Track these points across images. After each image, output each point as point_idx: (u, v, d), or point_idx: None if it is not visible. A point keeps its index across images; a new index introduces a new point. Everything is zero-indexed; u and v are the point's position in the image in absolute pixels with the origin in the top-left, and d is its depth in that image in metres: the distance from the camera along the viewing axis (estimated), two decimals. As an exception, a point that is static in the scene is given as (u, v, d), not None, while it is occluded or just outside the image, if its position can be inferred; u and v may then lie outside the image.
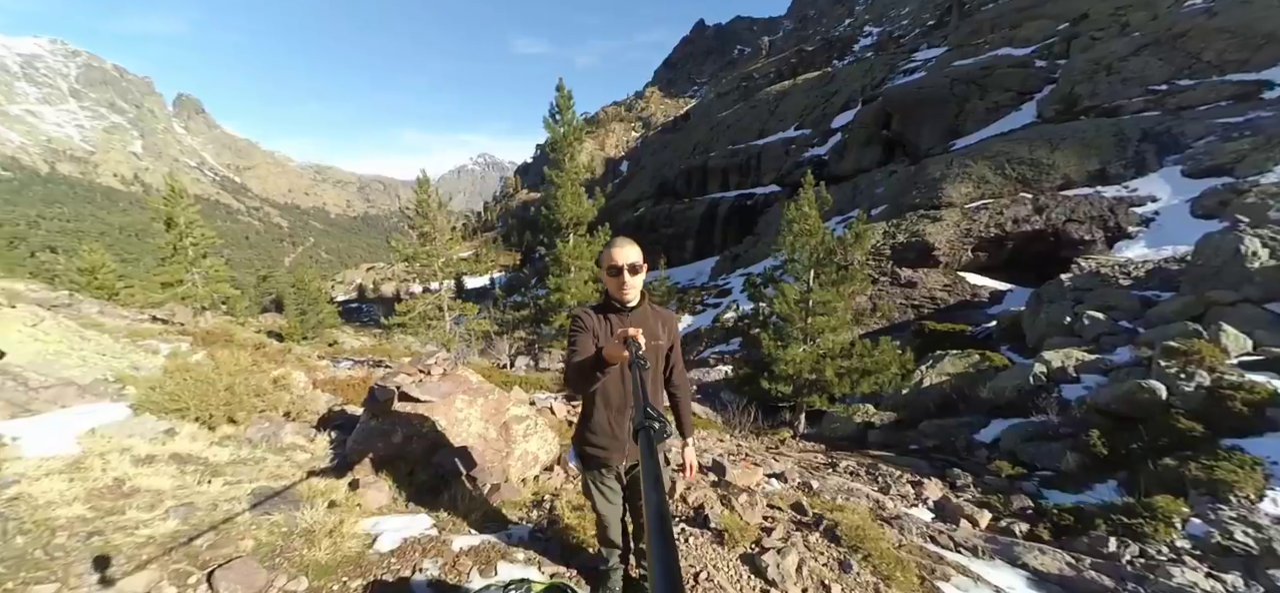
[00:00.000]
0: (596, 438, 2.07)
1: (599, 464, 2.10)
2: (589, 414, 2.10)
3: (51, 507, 2.53)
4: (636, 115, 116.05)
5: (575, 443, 2.14)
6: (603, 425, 2.06)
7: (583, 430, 2.11)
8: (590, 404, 2.09)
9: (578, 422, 2.15)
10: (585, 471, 2.17)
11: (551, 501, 3.42)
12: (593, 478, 2.15)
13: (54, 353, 5.57)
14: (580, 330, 1.94)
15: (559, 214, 17.51)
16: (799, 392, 11.74)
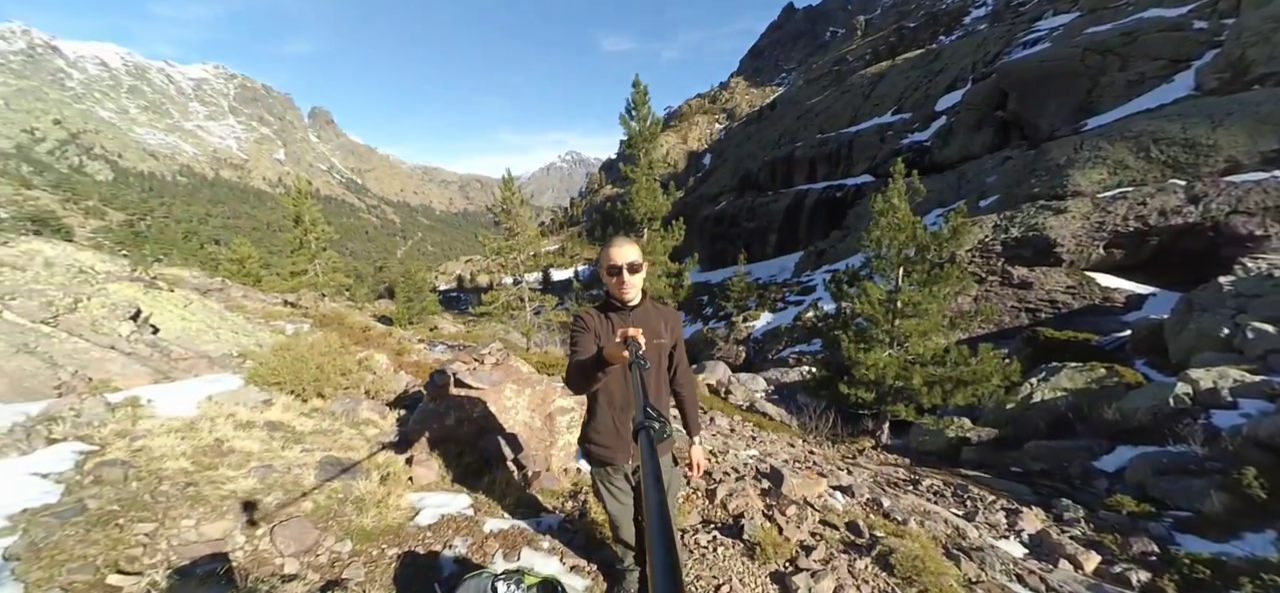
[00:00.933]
0: (600, 437, 2.06)
1: (605, 463, 2.09)
2: (593, 414, 2.08)
3: (163, 459, 2.99)
4: (720, 107, 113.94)
5: (581, 443, 2.14)
6: (606, 425, 2.04)
7: (587, 430, 2.11)
8: (594, 404, 2.07)
9: (583, 421, 2.14)
10: (593, 470, 2.16)
11: (587, 493, 3.43)
12: (600, 478, 2.14)
13: (196, 330, 6.61)
14: (581, 330, 1.93)
15: (634, 209, 17.67)
16: (882, 400, 10.89)
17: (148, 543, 2.33)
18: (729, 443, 7.65)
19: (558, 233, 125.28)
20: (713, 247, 51.93)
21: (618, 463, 2.07)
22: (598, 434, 2.06)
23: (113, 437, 3.16)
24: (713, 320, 36.71)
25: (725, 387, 16.74)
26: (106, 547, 2.22)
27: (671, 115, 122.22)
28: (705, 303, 42.21)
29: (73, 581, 2.00)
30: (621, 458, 2.06)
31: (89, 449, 2.97)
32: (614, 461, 2.06)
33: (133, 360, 4.83)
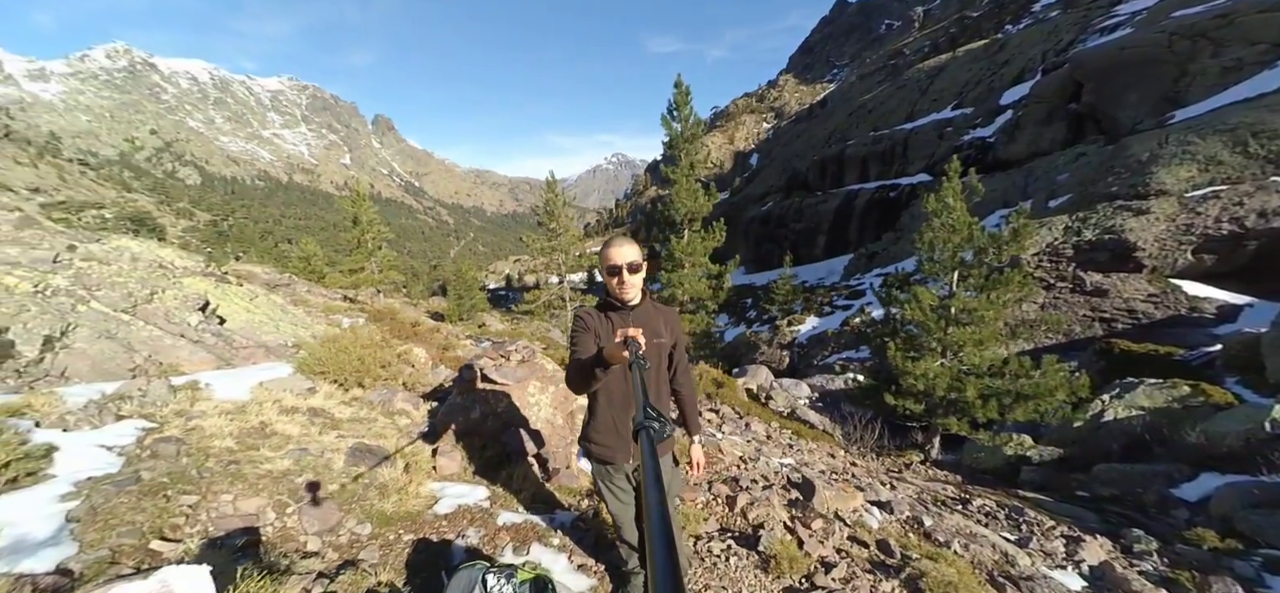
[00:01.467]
0: (601, 436, 2.04)
1: (605, 463, 2.07)
2: (593, 413, 2.07)
3: (212, 438, 3.22)
4: (768, 106, 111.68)
5: (581, 441, 2.13)
6: (607, 424, 2.03)
7: (587, 429, 2.10)
8: (594, 403, 2.06)
9: (583, 420, 2.13)
10: (594, 469, 2.14)
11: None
12: (601, 477, 2.12)
13: (259, 322, 7.11)
14: (582, 330, 1.93)
15: (674, 210, 17.58)
16: (932, 412, 10.32)
17: (189, 514, 2.51)
18: (763, 450, 7.45)
19: (603, 234, 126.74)
20: (758, 248, 50.97)
21: (618, 462, 2.05)
22: (598, 433, 2.04)
23: (171, 416, 3.44)
24: (756, 324, 36.02)
25: (766, 392, 16.36)
26: (153, 515, 2.40)
27: (717, 115, 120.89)
28: (749, 306, 41.47)
29: (121, 543, 2.18)
30: (622, 457, 2.04)
31: (150, 426, 3.25)
32: (614, 460, 2.04)
33: (199, 348, 5.25)
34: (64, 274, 4.97)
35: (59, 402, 3.26)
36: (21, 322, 4.07)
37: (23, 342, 3.95)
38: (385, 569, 2.38)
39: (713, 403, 10.65)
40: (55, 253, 5.43)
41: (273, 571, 2.14)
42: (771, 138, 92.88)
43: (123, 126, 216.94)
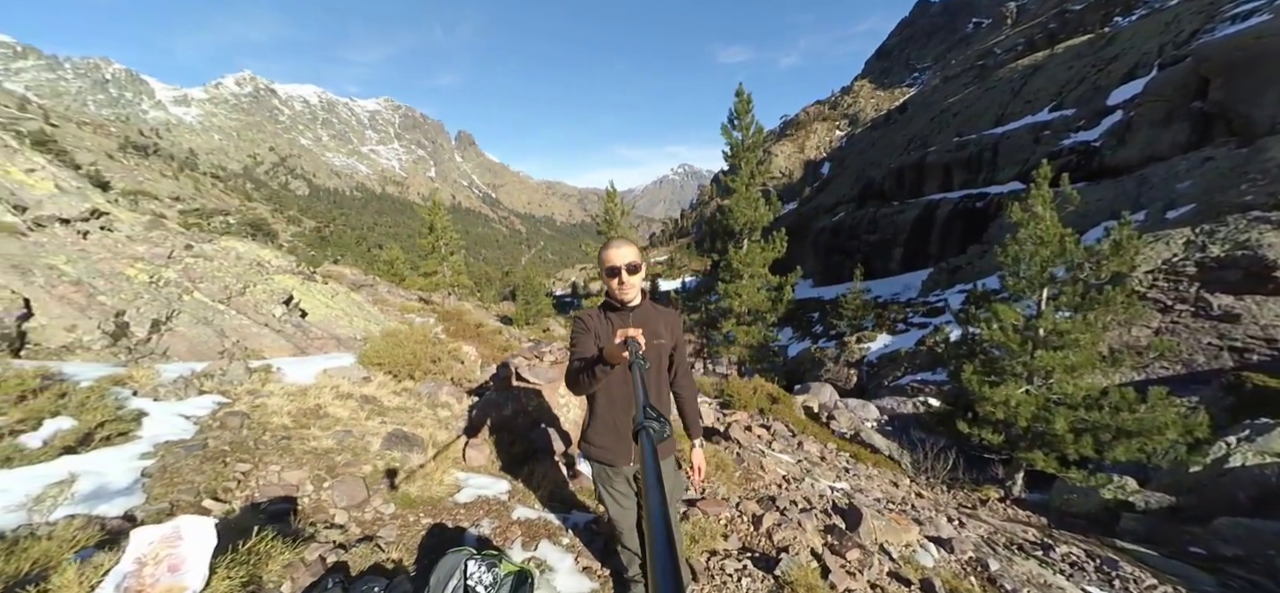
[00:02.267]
0: (600, 438, 2.02)
1: (605, 465, 2.04)
2: (593, 414, 2.05)
3: (272, 416, 3.54)
4: (842, 113, 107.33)
5: (581, 444, 2.11)
6: (607, 425, 2.01)
7: (587, 430, 2.08)
8: (594, 404, 2.04)
9: (583, 422, 2.12)
10: (593, 472, 2.12)
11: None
12: (601, 479, 2.10)
13: (335, 316, 7.80)
14: (582, 331, 1.93)
15: (733, 219, 17.30)
16: (1014, 444, 9.37)
17: (241, 480, 2.77)
18: (813, 472, 7.08)
19: (667, 244, 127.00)
20: (827, 261, 48.93)
21: (618, 465, 2.02)
22: (598, 435, 2.03)
23: (243, 393, 3.83)
24: (822, 340, 34.50)
25: (828, 411, 15.59)
26: (211, 477, 2.68)
27: (787, 124, 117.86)
28: (815, 320, 39.83)
29: (180, 498, 2.45)
30: (622, 460, 2.01)
31: (224, 401, 3.64)
32: (614, 462, 2.02)
33: (279, 336, 5.83)
34: (175, 268, 5.73)
35: (155, 376, 3.74)
36: (136, 307, 4.74)
37: (135, 324, 4.60)
38: (397, 548, 2.49)
39: (764, 419, 10.29)
40: (171, 250, 6.27)
41: (298, 536, 2.31)
42: (844, 146, 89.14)
43: (247, 144, 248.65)
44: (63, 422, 2.78)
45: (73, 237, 6.11)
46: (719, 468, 5.03)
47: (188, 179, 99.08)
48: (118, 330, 4.36)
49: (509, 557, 1.89)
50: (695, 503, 3.63)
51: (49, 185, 6.74)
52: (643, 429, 0.91)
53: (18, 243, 4.80)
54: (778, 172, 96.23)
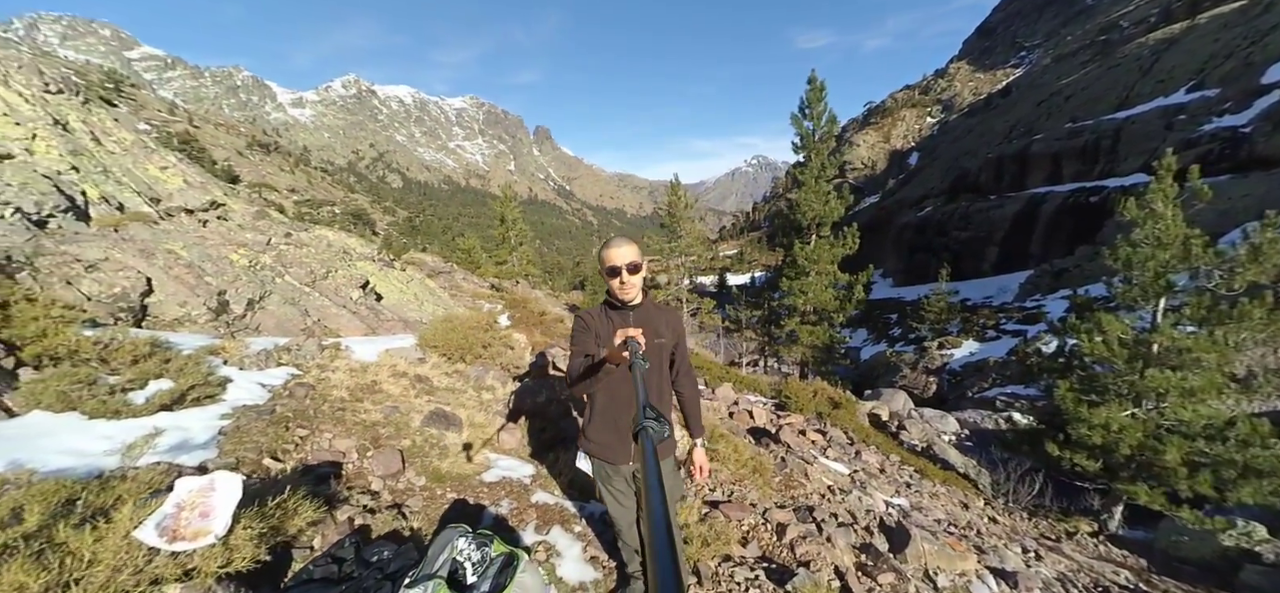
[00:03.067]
0: (600, 436, 2.03)
1: (604, 462, 2.06)
2: (593, 413, 2.07)
3: (332, 389, 3.93)
4: (934, 98, 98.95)
5: (581, 442, 2.13)
6: (607, 424, 2.02)
7: (587, 428, 2.09)
8: (594, 403, 2.06)
9: (583, 420, 2.14)
10: (594, 469, 2.13)
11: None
12: (601, 478, 2.11)
13: (407, 301, 8.45)
14: (582, 330, 1.95)
15: (800, 213, 16.62)
16: (1114, 473, 8.33)
17: (298, 443, 3.10)
18: (868, 485, 6.69)
19: (738, 238, 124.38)
20: (910, 258, 45.72)
21: (618, 463, 2.03)
22: (597, 433, 2.04)
23: (313, 368, 4.27)
24: (900, 344, 32.34)
25: (899, 421, 14.68)
26: (273, 439, 3.03)
27: (872, 111, 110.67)
28: (892, 322, 37.43)
29: (244, 455, 2.79)
30: (622, 458, 2.02)
31: (296, 374, 4.08)
32: (614, 460, 2.03)
33: (355, 318, 6.42)
34: (270, 254, 6.48)
35: (243, 348, 4.26)
36: (235, 287, 5.42)
37: (234, 302, 5.27)
38: (420, 518, 2.68)
39: (822, 424, 9.87)
40: (269, 238, 7.09)
41: (334, 499, 2.56)
42: (936, 134, 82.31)
43: (350, 141, 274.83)
44: (164, 383, 3.26)
45: (194, 225, 7.09)
46: (756, 472, 4.89)
47: (302, 173, 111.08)
48: (220, 307, 5.03)
49: (501, 538, 1.97)
50: (717, 506, 3.56)
51: (178, 181, 7.85)
52: (643, 430, 0.91)
53: (149, 230, 5.67)
54: (859, 162, 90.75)
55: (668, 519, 0.60)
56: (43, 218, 4.97)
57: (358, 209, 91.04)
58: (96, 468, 2.31)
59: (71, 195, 5.72)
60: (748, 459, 5.05)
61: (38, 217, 4.92)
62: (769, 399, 11.88)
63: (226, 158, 79.90)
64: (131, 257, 4.74)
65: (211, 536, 1.57)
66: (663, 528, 0.57)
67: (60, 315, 3.50)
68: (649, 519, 0.60)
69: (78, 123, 7.15)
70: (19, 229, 4.49)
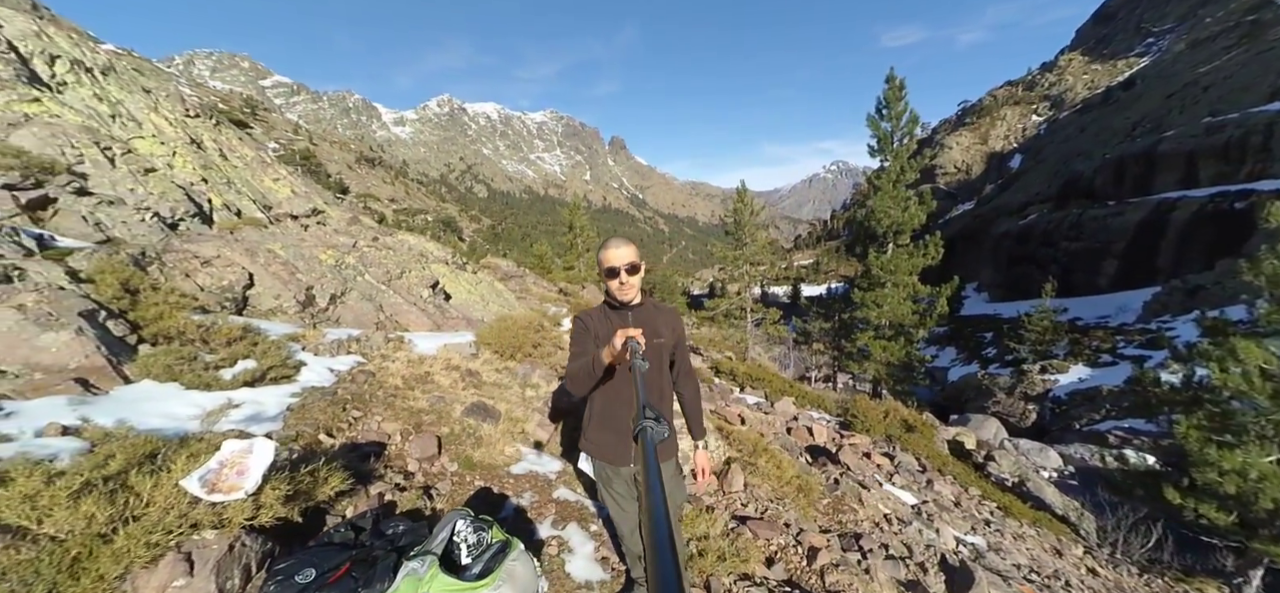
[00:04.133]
0: (600, 436, 2.02)
1: (606, 464, 2.04)
2: (592, 413, 2.06)
3: (389, 377, 4.27)
4: (1041, 94, 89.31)
5: (582, 443, 2.13)
6: (607, 425, 2.01)
7: (587, 428, 2.09)
8: (594, 404, 2.05)
9: (583, 420, 2.14)
10: (594, 470, 2.12)
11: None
12: (602, 481, 2.09)
13: (474, 301, 8.99)
14: (582, 331, 1.95)
15: (876, 220, 15.68)
16: (1250, 528, 7.08)
17: (351, 423, 3.41)
18: (937, 518, 6.16)
19: (814, 247, 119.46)
20: (1010, 271, 41.58)
21: (618, 464, 2.02)
22: (597, 434, 2.03)
23: (376, 357, 4.67)
24: (995, 365, 29.39)
25: (987, 450, 13.44)
26: (330, 417, 3.35)
27: (968, 110, 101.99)
28: (987, 341, 34.16)
29: (303, 430, 3.11)
30: (622, 459, 2.00)
31: (361, 362, 4.49)
32: (614, 460, 2.02)
33: (423, 315, 6.93)
34: (354, 255, 7.18)
35: (320, 337, 4.75)
36: (321, 283, 6.07)
37: (319, 296, 5.90)
38: (445, 501, 2.84)
39: (890, 447, 9.24)
40: (355, 240, 7.86)
41: (370, 474, 2.78)
42: (1042, 133, 74.31)
43: (443, 155, 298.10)
44: (249, 363, 3.72)
45: (297, 229, 8.03)
46: (800, 491, 4.66)
47: (401, 184, 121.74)
48: (306, 300, 5.66)
49: (499, 526, 2.04)
50: (746, 521, 3.44)
51: (287, 190, 8.93)
52: (642, 430, 0.91)
53: (258, 232, 6.51)
54: (952, 166, 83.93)
55: (668, 520, 0.59)
56: (175, 221, 5.87)
57: (447, 217, 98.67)
58: (181, 430, 2.69)
59: (199, 202, 6.71)
60: (792, 477, 4.82)
61: (171, 220, 5.82)
62: (834, 417, 11.28)
63: (339, 171, 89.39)
64: (239, 255, 5.47)
65: (242, 491, 1.78)
66: (663, 528, 0.57)
67: (176, 302, 4.11)
68: (649, 519, 0.60)
69: (210, 141, 8.39)
70: (155, 230, 5.35)
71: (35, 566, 1.50)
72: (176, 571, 1.59)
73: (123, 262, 4.29)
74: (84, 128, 5.88)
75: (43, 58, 6.42)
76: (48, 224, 4.63)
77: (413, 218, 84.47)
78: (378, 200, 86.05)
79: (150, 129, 7.13)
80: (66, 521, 1.59)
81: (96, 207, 5.16)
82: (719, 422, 5.80)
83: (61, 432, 2.36)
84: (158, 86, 8.26)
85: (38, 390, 2.71)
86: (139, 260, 4.54)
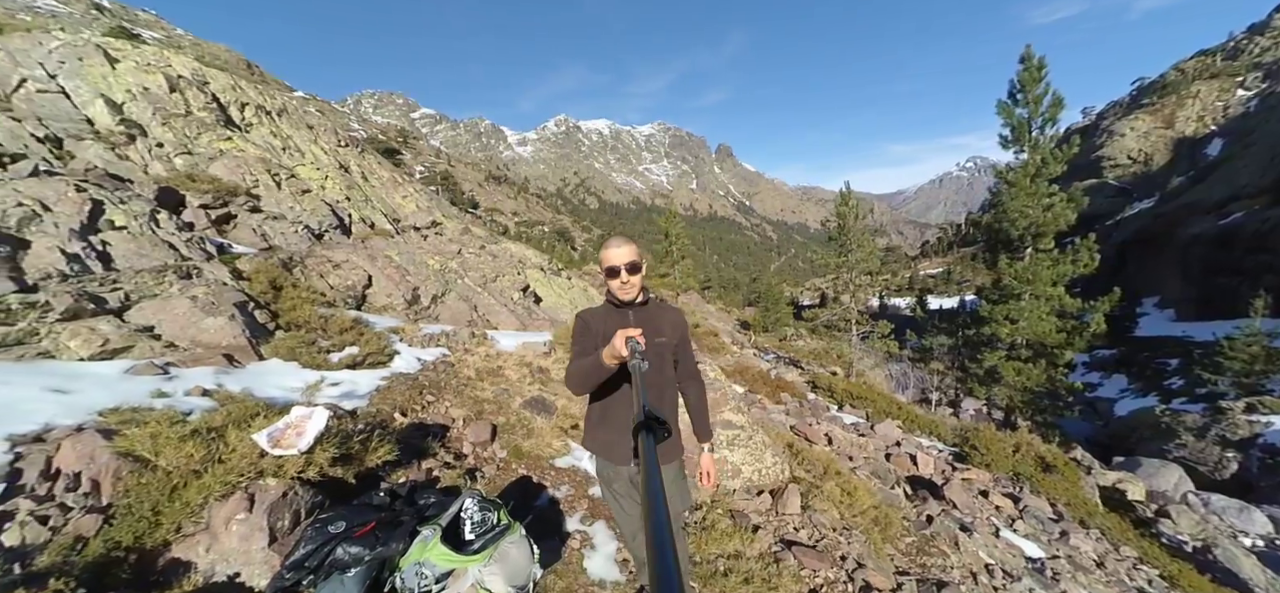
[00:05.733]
0: (602, 435, 2.02)
1: (607, 462, 2.02)
2: (594, 411, 2.07)
3: (465, 369, 4.71)
4: (1249, 63, 70.96)
5: (584, 441, 2.14)
6: (608, 423, 2.00)
7: (588, 427, 2.11)
8: (595, 404, 2.06)
9: (585, 418, 2.15)
10: (597, 469, 2.10)
11: (704, 509, 3.27)
12: (603, 481, 2.08)
13: (562, 304, 9.52)
14: (583, 330, 1.98)
15: (1009, 222, 13.66)
16: None
17: (423, 406, 3.83)
18: (1063, 579, 5.15)
19: (944, 254, 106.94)
20: (1204, 283, 33.74)
21: (619, 463, 2.00)
22: (599, 433, 2.04)
23: (459, 351, 5.18)
24: (1181, 400, 23.91)
25: (1160, 504, 11.16)
26: (407, 399, 3.80)
27: (1145, 89, 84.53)
28: (1170, 370, 28.07)
29: (382, 408, 3.57)
30: (623, 458, 1.98)
31: (444, 354, 5.01)
32: (615, 460, 2.00)
33: (511, 314, 7.52)
34: (457, 260, 8.02)
35: (417, 331, 5.40)
36: (425, 285, 6.88)
37: (423, 296, 6.69)
38: (487, 485, 3.06)
39: (1016, 488, 8.06)
40: (460, 247, 8.77)
41: (424, 451, 3.11)
42: (1253, 111, 59.08)
43: (559, 171, 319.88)
44: (353, 349, 4.36)
45: (418, 238, 9.19)
46: (876, 523, 4.19)
47: (522, 199, 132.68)
48: (413, 299, 6.46)
49: (505, 510, 2.16)
50: (792, 546, 3.21)
51: (412, 205, 10.25)
52: (642, 430, 0.90)
53: (384, 241, 7.59)
54: (1125, 156, 70.18)
55: (668, 520, 0.59)
56: (320, 232, 7.07)
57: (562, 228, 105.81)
58: (288, 399, 3.24)
59: (342, 217, 8.00)
60: (867, 507, 4.38)
61: (318, 231, 7.02)
62: (948, 447, 10.07)
63: (471, 189, 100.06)
64: (362, 260, 6.42)
65: (296, 449, 2.12)
66: (664, 527, 0.57)
67: (307, 297, 4.95)
68: (649, 518, 0.59)
69: (355, 166, 9.95)
70: (304, 239, 6.49)
71: (149, 488, 1.94)
72: (240, 506, 1.95)
73: (273, 264, 5.29)
74: (260, 159, 7.36)
75: (236, 106, 8.18)
76: (228, 235, 5.87)
77: (531, 229, 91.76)
78: (502, 214, 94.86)
79: (310, 158, 8.68)
80: (174, 457, 2.03)
81: (264, 221, 6.41)
82: (791, 439, 5.48)
83: (202, 393, 2.98)
84: (320, 122, 10.04)
85: (196, 361, 3.46)
86: (286, 263, 5.56)
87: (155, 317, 3.67)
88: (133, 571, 1.72)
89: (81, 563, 1.64)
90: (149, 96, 6.77)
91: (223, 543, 1.88)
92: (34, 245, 3.60)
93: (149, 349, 3.41)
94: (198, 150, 6.88)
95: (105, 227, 4.25)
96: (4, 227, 3.56)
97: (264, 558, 1.89)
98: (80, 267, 3.71)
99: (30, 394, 2.45)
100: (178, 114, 7.00)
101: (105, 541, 1.73)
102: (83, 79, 6.13)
